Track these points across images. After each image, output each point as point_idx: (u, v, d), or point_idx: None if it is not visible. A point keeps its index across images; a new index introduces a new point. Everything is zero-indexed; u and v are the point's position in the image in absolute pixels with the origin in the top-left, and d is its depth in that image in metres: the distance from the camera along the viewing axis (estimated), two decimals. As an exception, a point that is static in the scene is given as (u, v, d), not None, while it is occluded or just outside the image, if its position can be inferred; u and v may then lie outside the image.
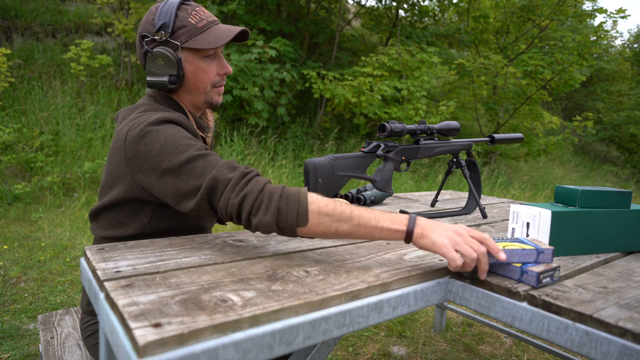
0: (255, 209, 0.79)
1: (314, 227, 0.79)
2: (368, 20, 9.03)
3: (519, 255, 0.79)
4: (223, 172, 0.83)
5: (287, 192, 0.79)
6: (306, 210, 0.78)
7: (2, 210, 4.05)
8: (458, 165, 1.43)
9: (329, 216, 0.78)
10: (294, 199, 0.78)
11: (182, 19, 0.98)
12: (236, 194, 0.80)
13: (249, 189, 0.80)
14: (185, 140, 0.89)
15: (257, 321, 0.57)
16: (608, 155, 13.23)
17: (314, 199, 0.79)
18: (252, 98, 5.86)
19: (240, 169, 0.84)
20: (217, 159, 0.87)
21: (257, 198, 0.79)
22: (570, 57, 7.44)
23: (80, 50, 5.85)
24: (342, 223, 0.78)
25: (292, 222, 0.77)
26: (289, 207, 0.78)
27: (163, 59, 0.98)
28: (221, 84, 1.09)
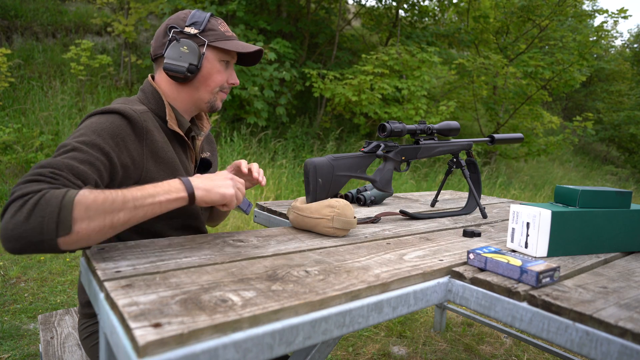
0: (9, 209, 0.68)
1: (82, 229, 0.69)
2: (368, 20, 9.03)
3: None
4: (45, 162, 0.76)
5: (47, 196, 0.68)
6: (69, 214, 0.67)
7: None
8: (458, 165, 1.43)
9: (100, 211, 0.70)
10: (54, 203, 0.67)
11: (213, 24, 1.07)
12: (15, 186, 0.71)
13: (23, 186, 0.71)
14: (97, 131, 0.87)
15: (257, 321, 0.57)
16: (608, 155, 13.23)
17: (80, 198, 0.69)
18: (251, 97, 5.86)
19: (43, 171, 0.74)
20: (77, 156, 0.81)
21: (16, 199, 0.68)
22: (571, 57, 7.44)
23: (80, 50, 5.85)
24: (117, 213, 0.72)
25: (49, 231, 0.66)
26: (45, 213, 0.66)
27: (188, 48, 1.02)
28: (226, 91, 1.14)
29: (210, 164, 1.20)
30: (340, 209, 1.03)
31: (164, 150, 1.01)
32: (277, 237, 1.01)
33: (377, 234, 1.10)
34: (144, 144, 0.96)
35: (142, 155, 0.96)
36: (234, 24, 6.32)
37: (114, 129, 0.90)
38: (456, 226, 1.26)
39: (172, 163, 1.03)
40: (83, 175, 0.80)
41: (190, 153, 1.14)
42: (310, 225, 1.06)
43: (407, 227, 1.20)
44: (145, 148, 0.97)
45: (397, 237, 1.08)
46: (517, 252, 0.94)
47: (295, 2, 7.32)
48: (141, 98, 1.07)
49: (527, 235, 0.97)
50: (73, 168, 0.79)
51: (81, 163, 0.81)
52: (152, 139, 0.98)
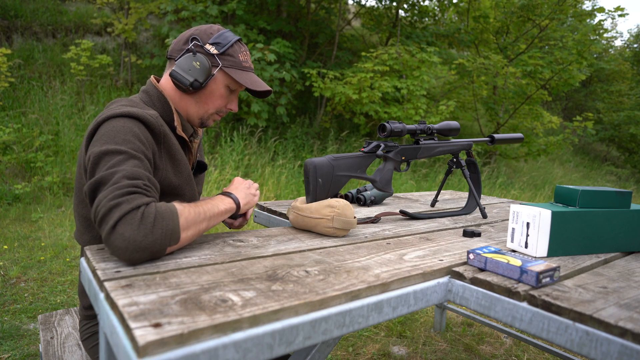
0: (124, 225, 0.73)
1: (182, 239, 0.80)
2: (368, 20, 9.03)
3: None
4: (122, 174, 0.79)
5: (161, 211, 0.77)
6: (178, 227, 0.78)
7: (2, 210, 4.05)
8: (458, 165, 1.43)
9: (194, 224, 0.83)
10: (167, 218, 0.77)
11: (234, 51, 1.07)
12: (113, 197, 0.75)
13: (128, 198, 0.76)
14: (127, 135, 0.88)
15: (257, 321, 0.57)
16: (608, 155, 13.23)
17: (182, 212, 0.80)
18: (251, 98, 5.86)
19: (137, 181, 0.80)
20: (137, 164, 0.84)
21: (130, 211, 0.74)
22: (570, 56, 7.44)
23: (80, 50, 5.85)
24: (201, 225, 0.86)
25: (164, 242, 0.76)
26: (163, 226, 0.75)
27: (200, 65, 1.03)
28: (222, 115, 1.15)
29: (206, 167, 1.22)
30: (340, 209, 1.03)
31: (179, 153, 1.03)
32: (277, 237, 1.01)
33: (377, 234, 1.10)
34: (161, 147, 0.98)
35: (162, 158, 0.98)
36: (234, 24, 6.33)
37: (143, 132, 0.92)
38: (456, 226, 1.26)
39: (185, 165, 1.05)
40: (156, 185, 0.87)
41: (189, 156, 1.15)
42: (310, 225, 1.06)
43: (407, 227, 1.20)
44: (164, 151, 0.99)
45: (397, 237, 1.08)
46: (517, 252, 0.94)
47: (295, 2, 7.32)
48: (146, 101, 1.06)
49: (527, 235, 0.97)
50: (150, 178, 0.85)
51: (147, 171, 0.87)
52: (169, 143, 1.00)
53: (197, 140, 1.18)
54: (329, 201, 1.05)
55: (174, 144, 1.01)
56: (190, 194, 1.07)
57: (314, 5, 7.72)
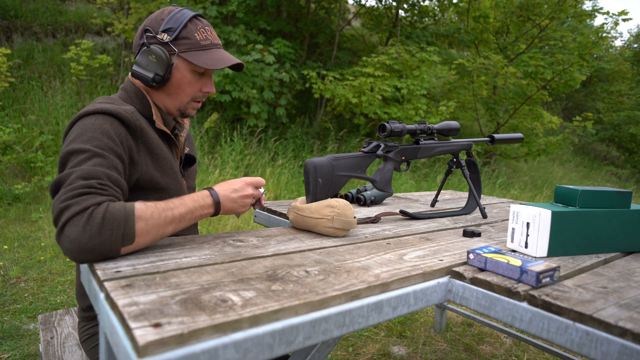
0: (71, 227, 0.72)
1: (141, 240, 0.77)
2: (368, 20, 9.03)
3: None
4: (80, 173, 0.78)
5: (112, 211, 0.74)
6: (133, 228, 0.75)
7: (2, 210, 4.05)
8: (458, 165, 1.43)
9: (156, 226, 0.79)
10: (119, 218, 0.74)
11: (189, 31, 1.01)
12: (64, 199, 0.74)
13: (79, 200, 0.74)
14: (96, 133, 0.87)
15: (257, 321, 0.57)
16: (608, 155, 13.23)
17: (141, 213, 0.77)
18: (250, 99, 5.86)
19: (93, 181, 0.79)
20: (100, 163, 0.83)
21: (77, 213, 0.73)
22: (571, 58, 7.44)
23: (80, 50, 5.86)
24: (167, 227, 0.82)
25: (116, 242, 0.73)
26: (113, 226, 0.73)
27: (156, 57, 0.99)
28: (201, 100, 1.10)
29: (194, 160, 1.21)
30: (340, 209, 1.03)
31: (159, 147, 1.01)
32: (277, 237, 1.01)
33: (377, 234, 1.10)
34: (139, 142, 0.97)
35: (140, 153, 0.97)
36: (233, 24, 6.33)
37: (115, 129, 0.91)
38: (456, 226, 1.26)
39: (167, 159, 1.03)
40: (118, 182, 0.84)
41: (175, 150, 1.13)
42: (310, 225, 1.06)
43: (407, 227, 1.20)
44: (141, 146, 0.97)
45: (397, 237, 1.08)
46: (517, 252, 0.94)
47: (295, 2, 7.31)
48: (124, 97, 1.05)
49: (527, 235, 0.97)
50: (109, 176, 0.83)
51: (110, 169, 0.84)
52: (147, 137, 0.98)
53: (183, 133, 1.16)
54: (329, 201, 1.05)
55: (152, 139, 0.99)
56: (175, 189, 1.05)
57: (314, 5, 7.71)
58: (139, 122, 0.96)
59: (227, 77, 5.58)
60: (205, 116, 6.07)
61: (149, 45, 1.00)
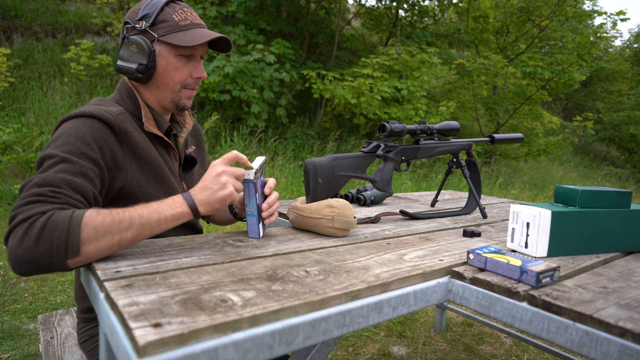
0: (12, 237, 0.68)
1: (91, 250, 0.70)
2: (368, 20, 9.03)
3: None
4: (38, 180, 0.75)
5: (54, 219, 0.69)
6: (77, 238, 0.68)
7: (2, 210, 4.05)
8: (458, 165, 1.43)
9: (108, 232, 0.71)
10: (61, 226, 0.68)
11: (166, 14, 0.98)
12: (14, 208, 0.71)
13: (25, 208, 0.70)
14: (71, 138, 0.84)
15: (257, 321, 0.57)
16: (608, 155, 13.23)
17: (88, 220, 0.70)
18: (250, 99, 5.86)
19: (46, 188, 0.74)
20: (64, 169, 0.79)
21: (19, 223, 0.68)
22: (570, 58, 7.45)
23: (80, 50, 5.85)
24: (124, 232, 0.73)
25: (59, 254, 0.67)
26: (53, 237, 0.67)
27: (137, 47, 0.96)
28: (193, 87, 1.06)
29: (195, 161, 1.16)
30: (340, 209, 1.03)
31: (146, 151, 0.97)
32: (277, 237, 1.01)
33: (377, 234, 1.10)
34: (124, 145, 0.93)
35: (125, 157, 0.93)
36: (233, 24, 6.33)
37: (94, 132, 0.87)
38: (456, 226, 1.26)
39: (156, 163, 1.00)
40: (81, 189, 0.79)
41: (173, 152, 1.10)
42: (310, 225, 1.06)
43: (407, 227, 1.20)
44: (127, 149, 0.94)
45: (397, 237, 1.08)
46: (517, 252, 0.94)
47: (295, 2, 7.31)
48: (117, 98, 1.02)
49: (527, 235, 0.97)
50: (70, 183, 0.77)
51: (75, 176, 0.79)
52: (133, 141, 0.94)
53: (182, 133, 1.13)
54: (329, 201, 1.05)
55: (138, 142, 0.96)
56: (167, 195, 0.98)
57: (314, 5, 7.71)
58: (123, 125, 0.93)
59: (227, 77, 5.58)
60: (205, 116, 6.07)
61: (128, 37, 0.97)
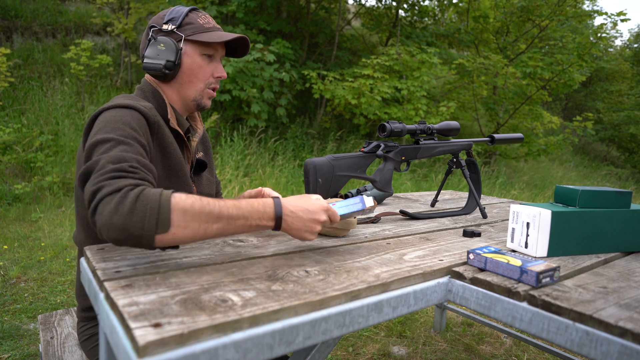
0: (103, 206, 0.69)
1: (179, 231, 0.70)
2: (368, 20, 9.03)
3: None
4: (109, 159, 0.77)
5: (146, 193, 0.71)
6: (168, 213, 0.69)
7: (2, 210, 4.05)
8: (458, 165, 1.43)
9: (196, 218, 0.72)
10: (153, 200, 0.69)
11: (191, 18, 1.06)
12: (95, 183, 0.72)
13: (110, 182, 0.72)
14: (118, 123, 0.86)
15: (257, 321, 0.57)
16: (608, 155, 13.23)
17: (178, 200, 0.71)
18: (250, 99, 5.86)
19: (124, 164, 0.77)
20: (126, 149, 0.81)
21: (109, 194, 0.70)
22: (570, 58, 7.44)
23: (80, 50, 5.86)
24: (211, 224, 0.73)
25: (149, 227, 0.68)
26: (146, 209, 0.68)
27: (165, 45, 1.02)
28: (214, 86, 1.12)
29: (205, 165, 1.20)
30: (340, 209, 1.03)
31: (173, 146, 1.02)
32: (277, 237, 1.01)
33: (377, 234, 1.10)
34: (154, 139, 0.97)
35: (154, 150, 0.98)
36: (233, 24, 6.32)
37: (137, 121, 0.91)
38: (456, 226, 1.26)
39: (179, 160, 1.04)
40: (148, 166, 0.82)
41: (187, 154, 1.13)
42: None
43: (407, 227, 1.20)
44: (156, 143, 0.98)
45: (397, 237, 1.08)
46: (517, 252, 0.94)
47: (295, 2, 7.31)
48: (141, 96, 1.06)
49: (527, 235, 0.97)
50: (139, 161, 0.80)
51: (138, 154, 0.83)
52: (162, 135, 0.99)
53: (195, 138, 1.16)
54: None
55: (167, 136, 1.00)
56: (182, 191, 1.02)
57: (314, 5, 7.71)
58: (156, 118, 0.97)
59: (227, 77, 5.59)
60: (205, 116, 6.08)
61: (155, 38, 1.03)
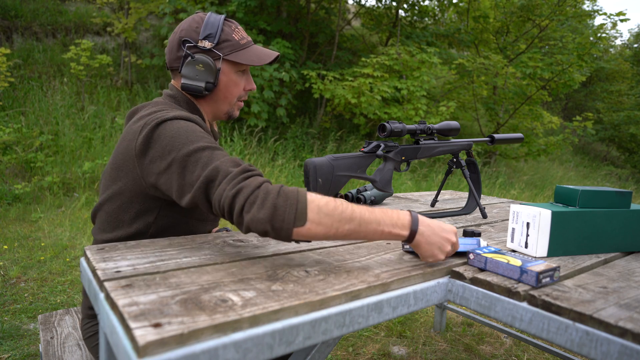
0: (249, 204, 0.75)
1: (313, 227, 0.74)
2: (368, 20, 9.03)
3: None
4: (225, 164, 0.82)
5: (286, 189, 0.76)
6: (305, 208, 0.74)
7: (2, 210, 4.05)
8: (458, 165, 1.43)
9: (329, 216, 0.75)
10: (292, 196, 0.75)
11: (227, 34, 1.04)
12: (232, 187, 0.77)
13: (246, 183, 0.77)
14: (197, 132, 0.89)
15: (257, 321, 0.57)
16: (608, 155, 13.23)
17: (314, 197, 0.76)
18: (250, 99, 5.86)
19: (243, 165, 0.82)
20: (224, 153, 0.86)
21: (252, 193, 0.75)
22: (570, 58, 7.45)
23: (80, 50, 5.86)
24: (343, 224, 0.75)
25: (289, 220, 0.73)
26: (286, 204, 0.74)
27: (204, 66, 1.01)
28: (244, 98, 1.15)
29: None
30: (340, 209, 1.03)
31: None
32: (277, 237, 1.01)
33: (377, 234, 1.10)
34: None
35: None
36: (233, 24, 6.32)
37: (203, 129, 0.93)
38: (456, 226, 1.26)
39: None
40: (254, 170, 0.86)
41: None
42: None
43: (407, 227, 1.20)
44: None
45: (397, 237, 1.08)
46: (517, 252, 0.94)
47: (295, 2, 7.31)
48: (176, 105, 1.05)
49: (527, 235, 0.97)
50: (236, 158, 0.85)
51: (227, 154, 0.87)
52: None
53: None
54: None
55: None
56: None
57: (314, 5, 7.71)
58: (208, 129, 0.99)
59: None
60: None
61: (193, 56, 1.01)
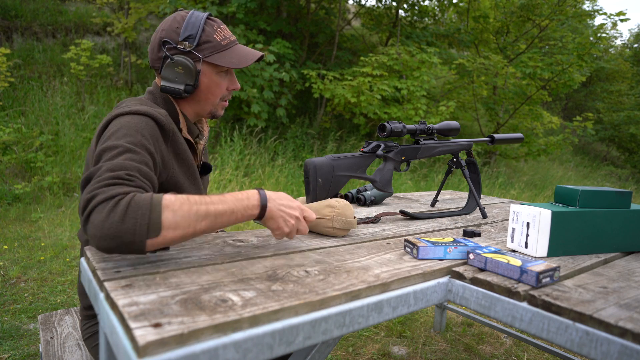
0: (95, 214, 0.69)
1: (170, 233, 0.71)
2: (368, 20, 9.03)
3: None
4: (110, 167, 0.77)
5: (137, 199, 0.71)
6: (159, 217, 0.70)
7: (2, 210, 4.05)
8: (458, 165, 1.43)
9: (185, 218, 0.72)
10: (144, 206, 0.70)
11: (208, 34, 1.02)
12: (90, 190, 0.72)
13: (104, 190, 0.72)
14: (130, 130, 0.86)
15: (257, 321, 0.57)
16: (608, 155, 13.23)
17: (168, 202, 0.72)
18: (250, 99, 5.86)
19: (119, 174, 0.76)
20: (134, 157, 0.82)
21: (103, 201, 0.70)
22: (570, 58, 7.44)
23: (80, 50, 5.86)
24: (199, 222, 0.74)
25: (140, 232, 0.68)
26: (137, 215, 0.69)
27: (183, 68, 0.99)
28: (227, 98, 1.13)
29: (210, 168, 1.21)
30: (340, 209, 1.03)
31: (186, 152, 1.02)
32: (277, 237, 1.01)
33: (377, 234, 1.10)
34: (169, 145, 0.97)
35: (169, 156, 0.97)
36: (233, 24, 6.32)
37: (150, 129, 0.90)
38: (456, 226, 1.26)
39: (192, 166, 1.05)
40: (148, 176, 0.82)
41: (195, 158, 1.14)
42: (310, 226, 1.06)
43: (407, 227, 1.20)
44: (170, 149, 0.98)
45: (397, 237, 1.08)
46: (517, 252, 0.94)
47: (295, 2, 7.31)
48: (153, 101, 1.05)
49: (527, 235, 0.97)
50: (140, 169, 0.80)
51: (141, 164, 0.83)
52: (177, 141, 0.99)
53: (202, 141, 1.18)
54: (329, 201, 1.05)
55: (181, 143, 1.01)
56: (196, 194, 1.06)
57: (314, 5, 7.71)
58: (171, 126, 0.97)
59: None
60: (205, 116, 6.08)
61: (172, 57, 0.99)
